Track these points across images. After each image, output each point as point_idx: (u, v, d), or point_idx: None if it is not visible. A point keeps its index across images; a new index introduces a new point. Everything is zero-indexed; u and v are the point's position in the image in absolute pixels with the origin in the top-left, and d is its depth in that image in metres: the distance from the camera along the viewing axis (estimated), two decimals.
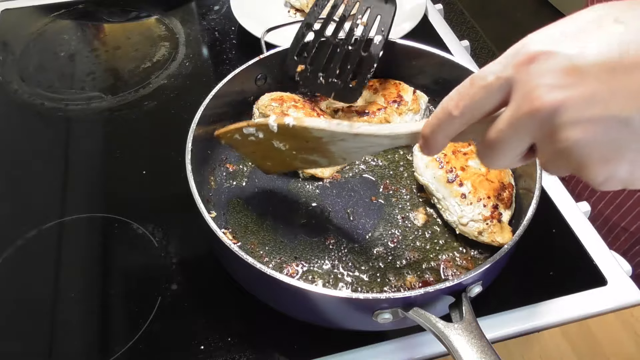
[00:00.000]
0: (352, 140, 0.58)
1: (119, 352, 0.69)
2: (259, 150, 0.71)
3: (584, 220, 0.84)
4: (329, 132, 0.59)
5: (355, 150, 0.61)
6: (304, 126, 0.61)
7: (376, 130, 0.55)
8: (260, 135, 0.68)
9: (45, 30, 1.23)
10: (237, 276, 0.72)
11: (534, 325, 0.72)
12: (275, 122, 0.64)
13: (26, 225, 0.84)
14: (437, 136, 0.46)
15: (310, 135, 0.62)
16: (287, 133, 0.64)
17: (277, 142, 0.68)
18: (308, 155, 0.67)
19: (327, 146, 0.62)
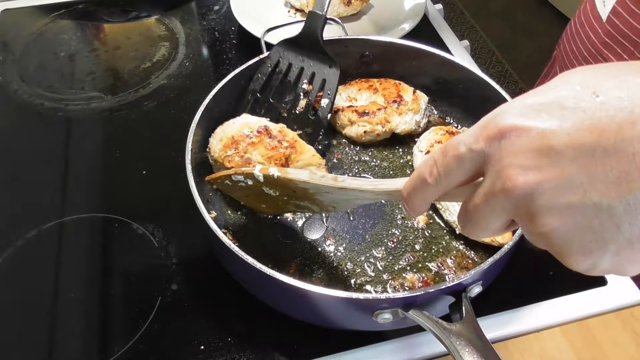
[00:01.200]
0: (337, 192, 0.58)
1: (119, 352, 0.69)
2: (251, 195, 0.71)
3: None
4: (313, 185, 0.59)
5: (343, 202, 0.61)
6: (288, 178, 0.62)
7: (359, 185, 0.55)
8: (250, 182, 0.68)
9: (45, 30, 1.23)
10: (237, 276, 0.72)
11: (534, 325, 0.72)
12: (261, 172, 0.65)
13: (26, 225, 0.84)
14: (414, 200, 0.45)
15: (296, 187, 0.62)
16: (273, 183, 0.65)
17: (267, 189, 0.67)
18: (299, 201, 0.67)
19: (314, 196, 0.62)
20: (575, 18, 1.02)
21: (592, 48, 0.92)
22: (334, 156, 0.88)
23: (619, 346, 0.70)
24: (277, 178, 0.63)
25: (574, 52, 0.99)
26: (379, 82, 0.93)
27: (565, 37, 1.05)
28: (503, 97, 0.80)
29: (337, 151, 0.89)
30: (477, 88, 0.85)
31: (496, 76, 2.84)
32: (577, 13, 1.02)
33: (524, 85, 2.77)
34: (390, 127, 0.87)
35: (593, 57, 0.92)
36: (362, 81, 0.94)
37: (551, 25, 3.04)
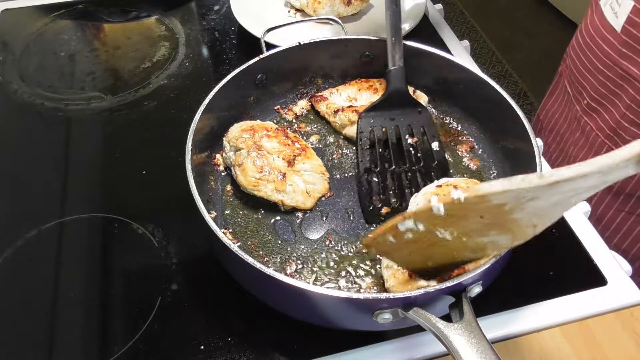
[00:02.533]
0: (546, 194, 0.46)
1: (119, 352, 0.69)
2: (418, 249, 0.59)
3: (584, 220, 0.84)
4: (514, 194, 0.47)
5: (551, 208, 0.49)
6: (480, 195, 0.49)
7: (578, 171, 0.43)
8: (421, 227, 0.56)
9: (45, 30, 1.23)
10: (237, 276, 0.72)
11: (534, 325, 0.72)
12: (440, 201, 0.52)
13: (26, 225, 0.84)
14: None
15: (488, 206, 0.50)
16: (456, 214, 0.52)
17: (441, 231, 0.55)
18: (483, 237, 0.55)
19: (511, 215, 0.50)
20: (582, 31, 1.00)
21: (607, 59, 0.91)
22: (334, 156, 0.88)
23: (619, 346, 0.70)
24: (464, 200, 0.50)
25: (585, 66, 0.97)
26: (379, 82, 0.93)
27: (573, 51, 1.03)
28: (503, 97, 0.80)
29: (337, 151, 0.89)
30: (477, 88, 0.85)
31: (496, 76, 2.84)
32: (584, 26, 1.00)
33: (524, 86, 2.78)
34: None
35: (609, 68, 0.91)
36: (362, 81, 0.94)
37: (551, 25, 3.05)
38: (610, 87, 0.92)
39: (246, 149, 0.79)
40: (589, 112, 0.98)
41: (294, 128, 0.92)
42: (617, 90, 0.90)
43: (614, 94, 0.91)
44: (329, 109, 0.91)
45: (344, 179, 0.84)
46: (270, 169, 0.78)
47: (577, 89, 1.01)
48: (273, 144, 0.80)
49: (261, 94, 0.92)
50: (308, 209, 0.79)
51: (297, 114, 0.94)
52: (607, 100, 0.93)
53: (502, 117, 0.81)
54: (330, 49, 0.93)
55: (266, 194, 0.77)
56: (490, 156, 0.87)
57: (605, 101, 0.94)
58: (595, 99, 0.96)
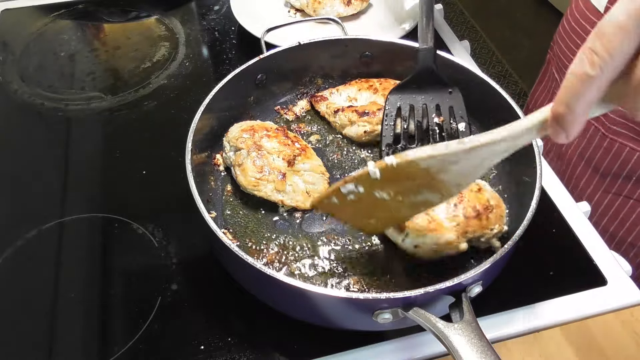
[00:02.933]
0: (466, 158, 0.53)
1: (119, 352, 0.69)
2: (361, 209, 0.66)
3: (584, 220, 0.84)
4: (439, 158, 0.54)
5: (471, 171, 0.56)
6: (409, 160, 0.56)
7: (492, 138, 0.50)
8: (360, 189, 0.62)
9: (45, 30, 1.23)
10: (237, 276, 0.72)
11: (534, 325, 0.72)
12: (376, 167, 0.59)
13: (26, 225, 0.84)
14: (576, 108, 0.40)
15: (417, 169, 0.56)
16: (390, 177, 0.59)
17: (379, 192, 0.62)
18: (416, 196, 0.61)
19: (437, 176, 0.57)
20: (567, 17, 1.03)
21: None
22: (334, 156, 0.88)
23: (619, 346, 0.70)
24: (396, 166, 0.57)
25: (571, 49, 0.99)
26: (379, 82, 0.92)
27: (560, 37, 1.05)
28: (503, 97, 0.80)
29: (337, 151, 0.89)
30: (477, 88, 0.85)
31: (496, 76, 2.84)
32: (569, 11, 1.03)
33: (524, 86, 2.78)
34: None
35: None
36: (362, 81, 0.94)
37: (551, 25, 3.03)
38: None
39: (246, 149, 0.79)
40: None
41: (294, 128, 0.92)
42: None
43: None
44: (329, 109, 0.91)
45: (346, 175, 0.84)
46: (270, 169, 0.78)
47: (564, 73, 1.02)
48: (273, 144, 0.80)
49: (261, 94, 0.92)
50: (308, 209, 0.79)
51: (297, 114, 0.94)
52: None
53: (502, 117, 0.81)
54: (330, 49, 0.93)
55: (266, 194, 0.77)
56: None
57: None
58: None
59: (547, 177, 0.87)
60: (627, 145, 0.93)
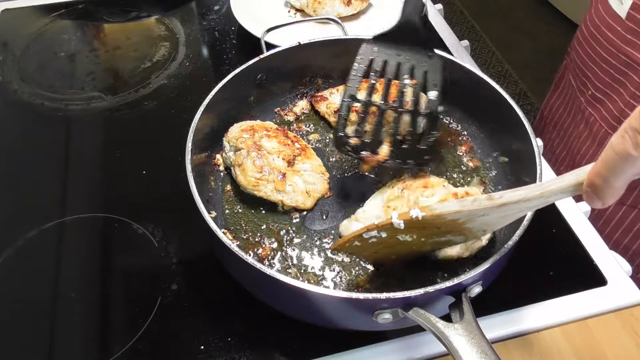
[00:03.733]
0: (495, 212, 0.53)
1: (119, 352, 0.69)
2: (383, 249, 0.66)
3: (584, 220, 0.84)
4: (466, 213, 0.54)
5: (499, 219, 0.56)
6: (435, 214, 0.55)
7: (524, 196, 0.50)
8: (383, 235, 0.61)
9: (45, 30, 1.23)
10: (237, 276, 0.72)
11: (534, 325, 0.72)
12: (400, 218, 0.58)
13: (26, 225, 0.84)
14: (614, 183, 0.42)
15: (443, 221, 0.56)
16: (415, 226, 0.58)
17: (402, 236, 0.61)
18: (440, 237, 0.61)
19: (464, 225, 0.57)
20: (586, 22, 1.02)
21: (611, 47, 0.92)
22: (334, 156, 0.88)
23: (619, 346, 0.70)
24: (421, 219, 0.56)
25: (590, 56, 0.98)
26: (379, 82, 0.92)
27: (577, 43, 1.04)
28: (503, 97, 0.80)
29: (337, 151, 0.89)
30: (477, 88, 0.85)
31: (496, 76, 2.84)
32: (588, 17, 1.01)
33: (524, 86, 2.78)
34: None
35: (613, 56, 0.92)
36: (362, 81, 0.93)
37: (551, 25, 3.05)
38: (614, 75, 0.92)
39: (246, 149, 0.79)
40: (593, 103, 0.99)
41: (294, 128, 0.92)
42: (621, 78, 0.91)
43: (618, 82, 0.92)
44: (329, 109, 0.91)
45: (344, 178, 0.84)
46: (270, 169, 0.78)
47: (581, 80, 1.02)
48: (273, 144, 0.80)
49: (261, 94, 0.92)
50: (308, 208, 0.79)
51: (297, 114, 0.94)
52: (611, 89, 0.94)
53: (502, 117, 0.81)
54: (330, 49, 0.93)
55: (266, 194, 0.77)
56: (490, 156, 0.87)
57: (609, 90, 0.95)
58: (599, 89, 0.96)
59: (547, 177, 0.87)
60: None
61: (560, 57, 1.15)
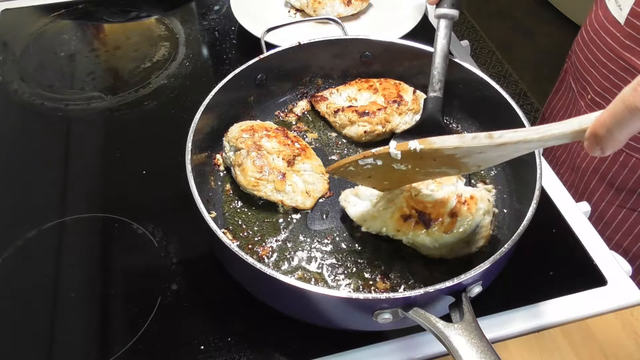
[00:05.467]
0: (493, 150, 0.54)
1: (119, 352, 0.69)
2: (376, 175, 0.68)
3: (584, 220, 0.84)
4: (465, 149, 0.55)
5: (495, 158, 0.57)
6: (434, 148, 0.56)
7: (523, 137, 0.50)
8: (379, 162, 0.63)
9: (45, 30, 1.23)
10: (237, 276, 0.72)
11: (534, 325, 0.72)
12: (398, 149, 0.59)
13: (26, 225, 0.84)
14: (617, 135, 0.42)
15: (440, 155, 0.57)
16: (411, 157, 0.60)
17: (397, 165, 0.63)
18: (434, 169, 0.63)
19: (460, 160, 0.58)
20: (586, 27, 1.02)
21: (610, 52, 0.92)
22: (334, 156, 0.88)
23: (619, 346, 0.70)
24: (419, 151, 0.57)
25: (589, 60, 0.98)
26: (379, 82, 0.93)
27: (578, 47, 1.04)
28: (503, 97, 0.80)
29: (337, 151, 0.89)
30: (477, 88, 0.85)
31: (496, 76, 2.84)
32: (588, 21, 1.02)
33: (524, 86, 2.77)
34: (391, 127, 0.87)
35: (612, 61, 0.92)
36: (362, 81, 0.94)
37: (551, 25, 3.04)
38: (613, 80, 0.93)
39: (246, 148, 0.79)
40: (592, 107, 0.99)
41: (294, 128, 0.92)
42: (620, 83, 0.91)
43: (617, 86, 0.92)
44: (329, 109, 0.91)
45: (344, 179, 0.84)
46: (270, 169, 0.78)
47: (581, 84, 1.02)
48: (273, 144, 0.80)
49: (261, 94, 0.92)
50: (308, 208, 0.79)
51: (298, 114, 0.94)
52: (610, 93, 0.94)
53: (502, 117, 0.81)
54: (330, 49, 0.93)
55: (266, 194, 0.77)
56: None
57: (608, 95, 0.95)
58: (598, 93, 0.97)
59: (547, 177, 0.87)
60: None
61: (560, 57, 1.15)
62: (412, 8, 1.17)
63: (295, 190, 0.78)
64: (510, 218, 0.78)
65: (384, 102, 0.89)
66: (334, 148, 0.89)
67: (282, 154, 0.79)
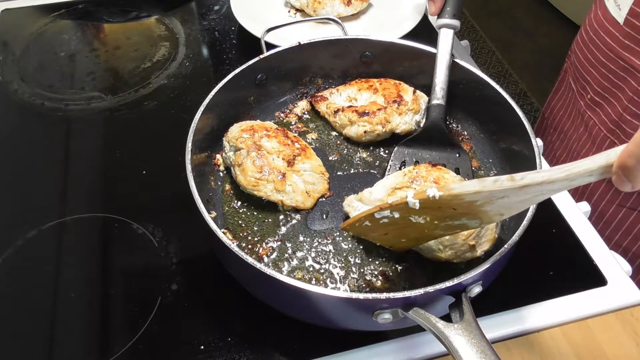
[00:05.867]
0: (516, 194, 0.51)
1: (119, 352, 0.69)
2: (393, 230, 0.64)
3: (584, 220, 0.84)
4: (486, 193, 0.51)
5: (518, 203, 0.53)
6: (453, 194, 0.53)
7: (548, 177, 0.47)
8: (396, 215, 0.60)
9: (45, 30, 1.23)
10: (237, 276, 0.72)
11: (534, 325, 0.72)
12: (416, 198, 0.56)
13: (26, 225, 0.84)
14: None
15: (460, 202, 0.54)
16: (430, 206, 0.56)
17: (415, 218, 0.60)
18: (454, 221, 0.59)
19: (481, 208, 0.54)
20: (585, 27, 1.02)
21: (610, 52, 0.92)
22: (334, 156, 0.88)
23: (619, 346, 0.70)
24: (438, 199, 0.54)
25: (589, 60, 0.99)
26: (379, 82, 0.92)
27: (577, 47, 1.05)
28: (503, 97, 0.80)
29: (337, 151, 0.89)
30: (477, 88, 0.85)
31: (496, 76, 2.84)
32: (587, 22, 1.02)
33: (524, 86, 2.78)
34: (391, 127, 0.87)
35: (612, 60, 0.92)
36: (362, 81, 0.94)
37: (551, 25, 3.05)
38: (612, 79, 0.93)
39: (246, 148, 0.79)
40: (592, 107, 0.99)
41: (294, 128, 0.92)
42: (620, 83, 0.92)
43: (617, 86, 0.92)
44: (329, 109, 0.91)
45: (344, 178, 0.84)
46: (270, 169, 0.78)
47: (581, 84, 1.03)
48: (273, 144, 0.80)
49: (261, 94, 0.92)
50: (308, 209, 0.79)
51: (298, 114, 0.94)
52: (609, 93, 0.95)
53: (502, 117, 0.81)
54: (330, 49, 0.93)
55: (266, 194, 0.77)
56: (490, 156, 0.87)
57: (608, 94, 0.95)
58: (598, 93, 0.97)
59: None
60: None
61: (560, 57, 1.16)
62: (412, 8, 1.17)
63: (295, 190, 0.78)
64: (510, 218, 0.78)
65: (384, 102, 0.89)
66: (334, 148, 0.89)
67: (282, 154, 0.79)
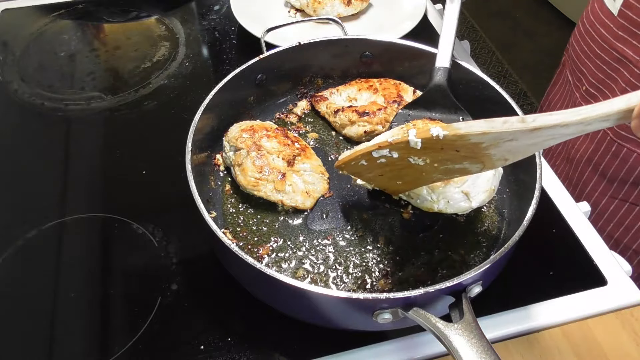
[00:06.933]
0: (525, 137, 0.48)
1: (119, 352, 0.69)
2: (389, 172, 0.62)
3: (584, 220, 0.84)
4: (494, 135, 0.49)
5: (525, 149, 0.50)
6: (459, 134, 0.50)
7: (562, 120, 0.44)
8: (395, 154, 0.57)
9: (45, 30, 1.23)
10: (237, 276, 0.72)
11: (534, 325, 0.72)
12: (419, 137, 0.53)
13: (26, 225, 0.84)
14: None
15: (465, 143, 0.51)
16: (432, 147, 0.54)
17: (414, 159, 0.57)
18: (455, 164, 0.56)
19: (486, 151, 0.52)
20: (582, 19, 1.04)
21: (604, 44, 0.94)
22: (334, 156, 0.88)
23: (619, 346, 0.70)
24: (442, 139, 0.51)
25: (585, 52, 1.00)
26: (379, 82, 0.93)
27: (574, 40, 1.06)
28: (503, 97, 0.80)
29: (337, 151, 0.89)
30: (477, 88, 0.85)
31: (496, 76, 2.84)
32: (585, 14, 1.04)
33: (524, 86, 2.77)
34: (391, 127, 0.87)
35: (606, 52, 0.94)
36: (362, 81, 0.94)
37: (551, 25, 3.05)
38: (607, 71, 0.94)
39: (246, 148, 0.79)
40: (587, 99, 1.01)
41: (294, 128, 0.92)
42: (613, 74, 0.93)
43: (611, 77, 0.94)
44: (329, 109, 0.91)
45: (344, 178, 0.84)
46: (270, 169, 0.78)
47: (577, 76, 1.04)
48: (273, 144, 0.80)
49: (261, 94, 0.92)
50: (308, 209, 0.79)
51: (298, 114, 0.94)
52: (603, 84, 0.96)
53: (501, 117, 0.81)
54: (330, 49, 0.93)
55: (265, 194, 0.77)
56: None
57: (602, 86, 0.96)
58: (593, 84, 0.98)
59: (547, 177, 0.87)
60: (635, 151, 0.92)
61: (560, 58, 1.16)
62: (412, 8, 1.17)
63: (295, 190, 0.78)
64: (510, 218, 0.78)
65: (384, 102, 0.89)
66: (334, 148, 0.89)
67: (282, 154, 0.79)
